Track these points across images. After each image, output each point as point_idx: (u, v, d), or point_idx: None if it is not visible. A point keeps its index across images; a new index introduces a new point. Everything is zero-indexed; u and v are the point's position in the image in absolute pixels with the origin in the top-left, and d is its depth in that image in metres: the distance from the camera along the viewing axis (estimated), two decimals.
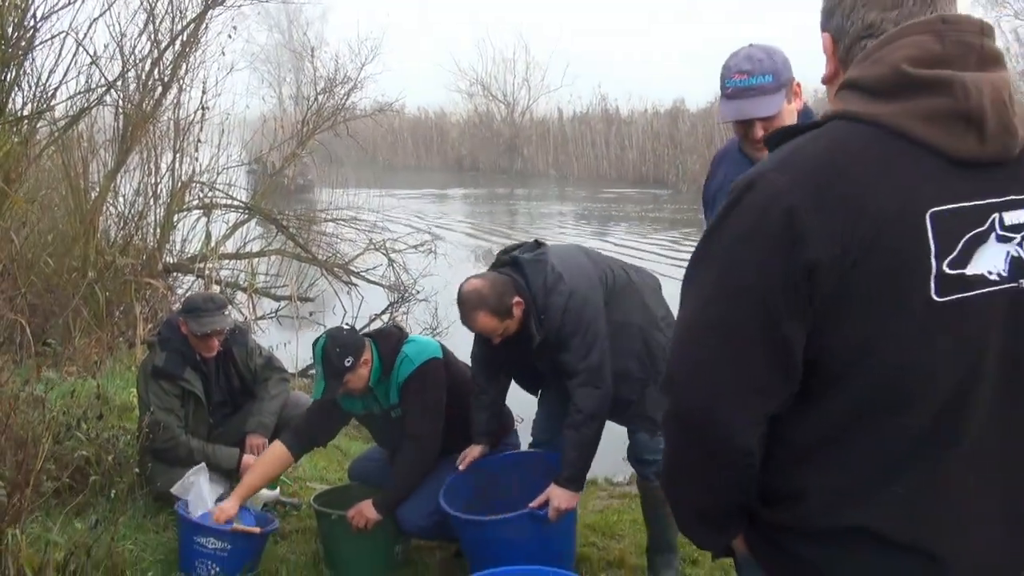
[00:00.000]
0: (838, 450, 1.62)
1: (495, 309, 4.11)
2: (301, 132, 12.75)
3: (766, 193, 1.57)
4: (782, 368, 1.58)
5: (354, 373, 4.37)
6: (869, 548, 1.62)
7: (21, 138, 8.18)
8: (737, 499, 1.72)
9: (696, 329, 1.65)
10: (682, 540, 4.85)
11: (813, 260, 1.52)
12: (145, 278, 9.56)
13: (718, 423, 1.62)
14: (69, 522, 4.01)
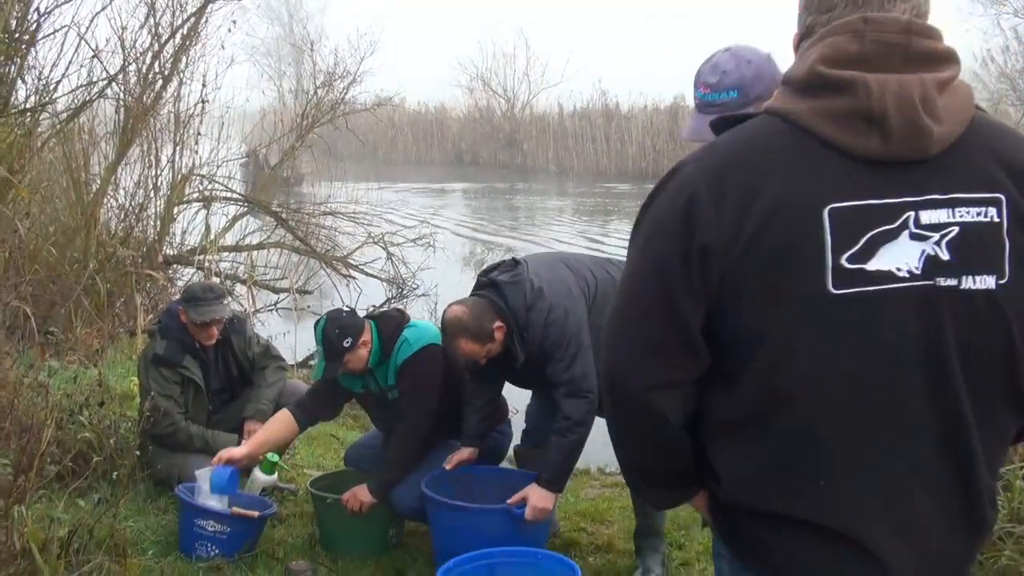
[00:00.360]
0: (745, 437, 1.70)
1: (475, 335, 4.22)
2: (300, 126, 12.82)
3: (680, 180, 1.69)
4: (681, 339, 1.68)
5: (353, 354, 4.50)
6: (793, 528, 1.68)
7: (24, 130, 8.27)
8: (668, 462, 1.82)
9: (618, 299, 1.80)
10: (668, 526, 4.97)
11: (705, 244, 1.62)
12: (145, 270, 9.65)
13: (626, 383, 1.74)
14: (73, 502, 4.12)
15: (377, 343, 4.61)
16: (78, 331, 8.01)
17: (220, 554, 4.40)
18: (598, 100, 36.52)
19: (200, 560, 4.35)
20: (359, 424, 7.29)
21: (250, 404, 5.34)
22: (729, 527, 1.81)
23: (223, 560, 4.38)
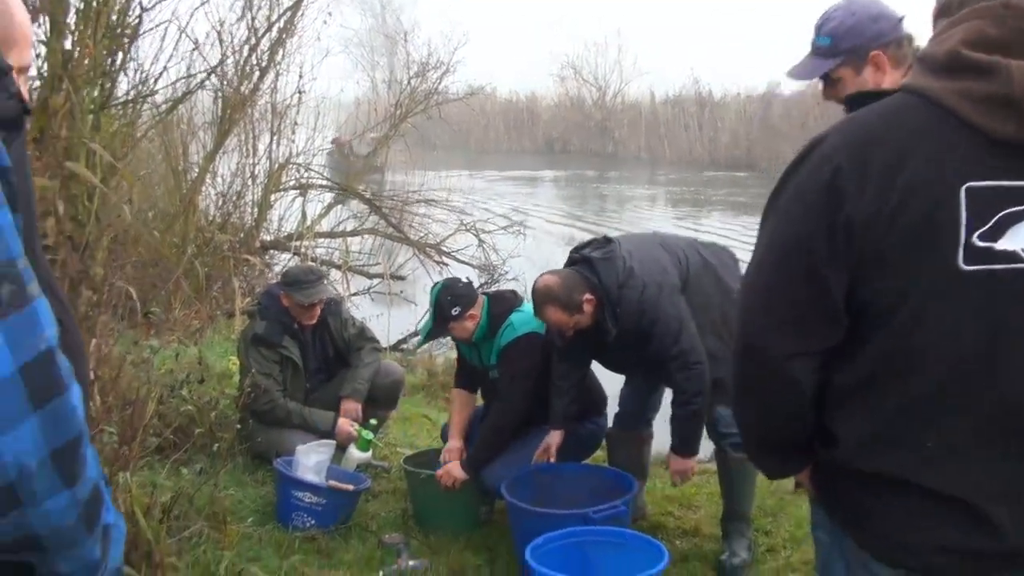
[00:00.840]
0: (866, 399, 1.76)
1: (564, 304, 4.22)
2: (394, 115, 12.98)
3: (821, 153, 1.74)
4: (822, 308, 1.74)
5: (459, 323, 4.64)
6: (896, 492, 1.75)
7: (126, 121, 8.52)
8: (790, 429, 1.89)
9: (757, 268, 1.84)
10: (755, 513, 4.94)
11: (850, 216, 1.67)
12: (243, 254, 9.91)
13: (765, 351, 1.80)
14: (175, 471, 4.26)
15: (486, 319, 4.70)
16: (177, 312, 8.26)
17: (316, 525, 4.51)
18: (691, 88, 36.21)
19: (296, 530, 4.47)
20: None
21: (347, 383, 5.46)
22: (834, 495, 1.90)
23: (318, 531, 4.48)
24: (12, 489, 1.08)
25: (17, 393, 1.06)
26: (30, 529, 1.13)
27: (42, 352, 1.09)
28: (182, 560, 3.60)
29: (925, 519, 1.75)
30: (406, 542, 4.49)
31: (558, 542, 3.99)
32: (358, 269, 11.76)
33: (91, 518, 1.19)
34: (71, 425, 1.13)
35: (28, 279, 1.10)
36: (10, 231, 1.09)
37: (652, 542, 3.99)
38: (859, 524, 1.84)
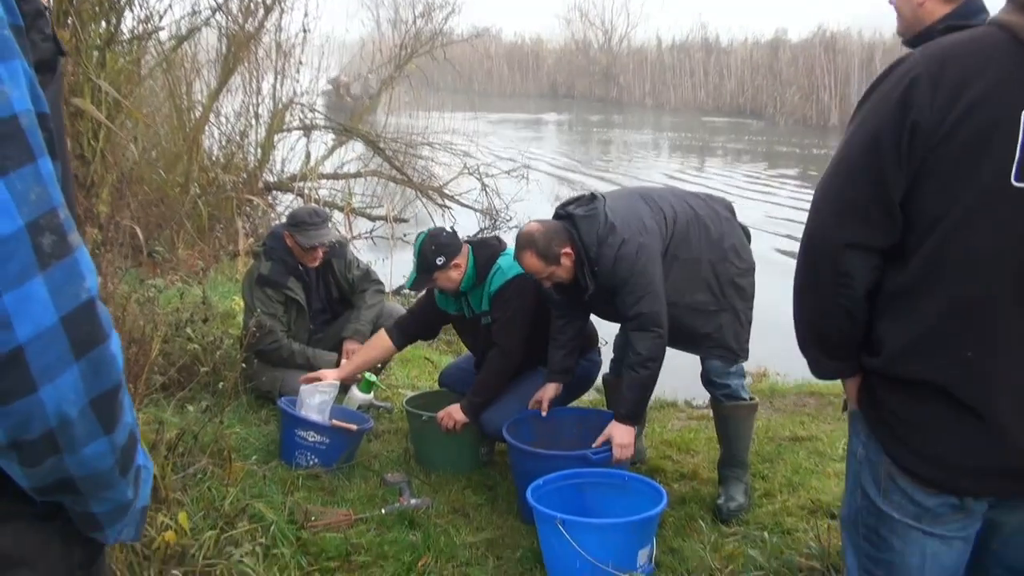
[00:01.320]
0: (912, 304, 1.92)
1: (542, 253, 4.22)
2: (399, 56, 12.88)
3: (905, 68, 1.91)
4: (882, 205, 1.90)
5: (443, 273, 4.62)
6: (936, 402, 1.90)
7: (132, 58, 8.48)
8: (845, 327, 2.03)
9: (832, 168, 2.01)
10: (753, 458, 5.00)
11: (916, 122, 1.84)
12: (246, 195, 9.89)
13: (826, 239, 1.98)
14: (180, 409, 4.30)
15: (472, 268, 4.69)
16: (180, 252, 8.27)
17: (319, 463, 4.57)
18: (698, 33, 36.04)
19: (300, 468, 4.52)
20: (452, 349, 7.43)
21: (350, 325, 5.49)
22: (875, 407, 2.04)
23: (322, 469, 4.55)
24: (52, 436, 1.10)
25: (60, 342, 1.07)
26: (66, 474, 1.15)
27: (84, 302, 1.10)
28: (187, 496, 3.64)
29: (958, 435, 1.88)
30: (408, 481, 4.55)
31: (558, 483, 4.05)
32: (361, 211, 11.74)
33: (126, 463, 1.22)
34: (111, 373, 1.14)
35: (69, 228, 1.10)
36: (51, 180, 1.09)
37: (651, 484, 4.05)
38: (897, 439, 1.97)
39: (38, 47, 1.17)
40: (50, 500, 1.20)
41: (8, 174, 1.04)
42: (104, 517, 1.25)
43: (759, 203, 15.42)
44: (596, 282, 4.23)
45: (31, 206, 1.06)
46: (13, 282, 1.04)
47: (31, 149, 1.07)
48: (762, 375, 7.08)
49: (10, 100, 1.05)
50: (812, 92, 29.29)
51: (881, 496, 2.05)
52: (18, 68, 1.08)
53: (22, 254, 1.04)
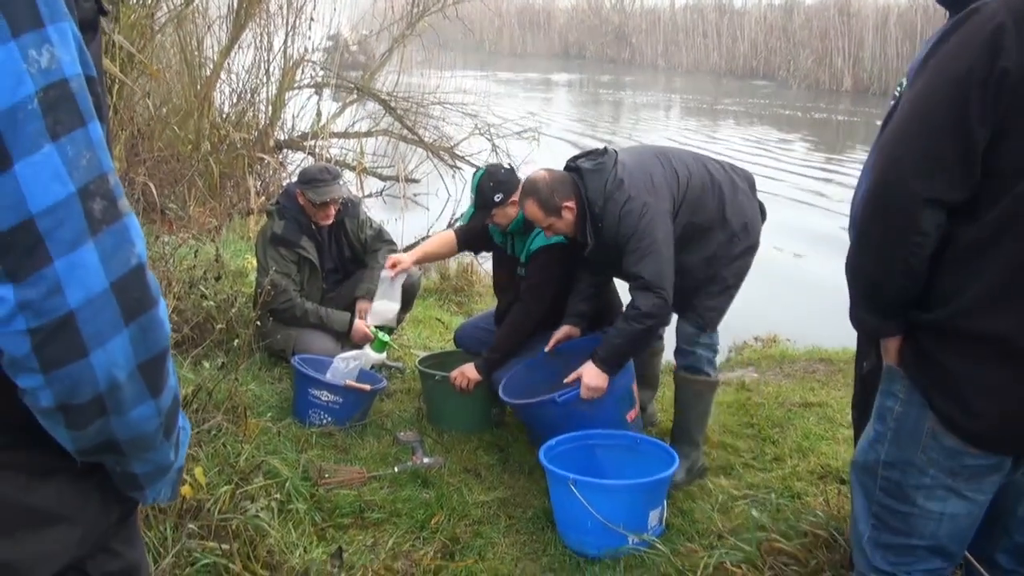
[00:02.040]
0: (988, 257, 1.89)
1: (542, 202, 4.20)
2: (411, 13, 12.78)
3: (984, 15, 1.86)
4: (965, 157, 1.86)
5: (501, 209, 4.66)
6: (998, 357, 1.89)
7: (146, 12, 8.45)
8: (905, 283, 1.99)
9: (906, 117, 1.95)
10: (763, 423, 5.02)
11: (1006, 68, 1.80)
12: (257, 153, 9.87)
13: (903, 191, 1.91)
14: (195, 365, 4.33)
15: (522, 213, 4.71)
16: (192, 210, 8.28)
17: (332, 422, 4.61)
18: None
19: (313, 426, 4.56)
20: (463, 311, 7.45)
21: (362, 284, 5.51)
22: (925, 363, 2.01)
23: (335, 427, 4.58)
24: (101, 400, 1.11)
25: (110, 307, 1.08)
26: (112, 436, 1.17)
27: (133, 267, 1.11)
28: (203, 451, 3.68)
29: (1015, 394, 1.88)
30: (421, 440, 4.59)
31: (570, 444, 4.09)
32: (372, 171, 11.72)
33: (170, 425, 1.24)
34: (159, 338, 1.16)
35: (119, 194, 1.11)
36: (101, 145, 1.09)
37: (662, 446, 4.08)
38: (948, 395, 1.96)
39: (80, 6, 1.17)
40: (92, 460, 1.22)
41: (60, 139, 1.04)
42: (145, 478, 1.27)
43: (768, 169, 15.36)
44: (599, 239, 4.18)
45: (82, 171, 1.06)
46: (65, 248, 1.05)
47: (81, 113, 1.07)
48: (772, 340, 7.09)
49: (61, 64, 1.05)
50: (825, 56, 29.08)
51: (920, 452, 2.04)
52: (67, 30, 1.08)
53: (74, 220, 1.05)
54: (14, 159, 1.02)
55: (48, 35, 1.04)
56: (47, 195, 1.03)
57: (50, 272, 1.04)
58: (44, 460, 1.21)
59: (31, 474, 1.20)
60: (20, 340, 1.05)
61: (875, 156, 2.02)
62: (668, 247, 4.10)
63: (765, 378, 6.07)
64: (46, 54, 1.04)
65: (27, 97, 1.02)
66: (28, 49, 1.02)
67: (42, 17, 1.04)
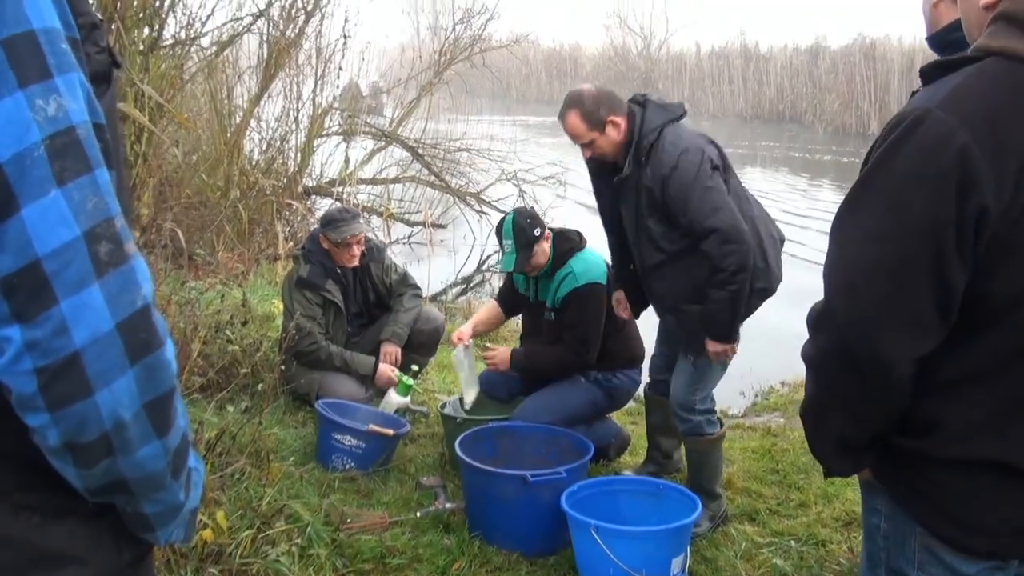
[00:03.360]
0: (982, 385, 1.66)
1: (586, 114, 4.04)
2: (438, 62, 12.91)
3: (936, 132, 1.55)
4: (944, 309, 1.61)
5: (540, 246, 4.67)
6: (998, 476, 1.67)
7: (175, 63, 8.59)
8: (882, 430, 1.77)
9: (860, 267, 1.66)
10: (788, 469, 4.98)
11: (984, 205, 1.51)
12: (286, 199, 9.98)
13: (880, 359, 1.65)
14: (219, 409, 4.36)
15: (552, 253, 4.74)
16: (220, 255, 8.36)
17: (355, 466, 4.61)
18: (736, 40, 35.75)
19: (336, 471, 4.57)
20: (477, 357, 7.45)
21: (387, 327, 5.54)
22: (913, 484, 1.77)
23: (358, 472, 4.59)
24: (107, 439, 1.14)
25: (115, 348, 1.11)
26: (120, 476, 1.18)
27: (139, 308, 1.13)
28: (225, 495, 3.69)
29: (1011, 502, 1.68)
30: (443, 485, 4.57)
31: (592, 489, 4.07)
32: (399, 216, 11.80)
33: (178, 465, 1.26)
34: (165, 378, 1.17)
35: (126, 237, 1.14)
36: (107, 189, 1.13)
37: (685, 492, 4.05)
38: (937, 509, 1.74)
39: (93, 59, 1.21)
40: (102, 501, 1.24)
41: (66, 184, 1.08)
42: (156, 518, 1.29)
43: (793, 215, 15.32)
44: (636, 175, 4.01)
45: (88, 215, 1.10)
46: (71, 289, 1.08)
47: (88, 160, 1.11)
48: (799, 385, 7.04)
49: (68, 112, 1.09)
50: (852, 99, 29.10)
51: (917, 571, 1.82)
52: (75, 80, 1.12)
53: (79, 262, 1.08)
54: (21, 204, 1.06)
55: (56, 85, 1.09)
56: (53, 238, 1.07)
57: (56, 312, 1.07)
58: (57, 501, 1.23)
59: (44, 514, 1.22)
60: (27, 379, 1.08)
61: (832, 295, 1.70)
62: (729, 199, 3.96)
63: (791, 423, 6.03)
64: (53, 103, 1.08)
65: (34, 144, 1.06)
66: (35, 99, 1.07)
67: (50, 68, 1.08)
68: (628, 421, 5.75)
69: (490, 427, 4.67)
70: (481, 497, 4.23)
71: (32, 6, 1.09)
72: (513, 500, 4.07)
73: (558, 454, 4.42)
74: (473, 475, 4.25)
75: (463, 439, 4.42)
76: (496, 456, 4.44)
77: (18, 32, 1.07)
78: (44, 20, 1.10)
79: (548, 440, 4.57)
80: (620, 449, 5.13)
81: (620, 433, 5.15)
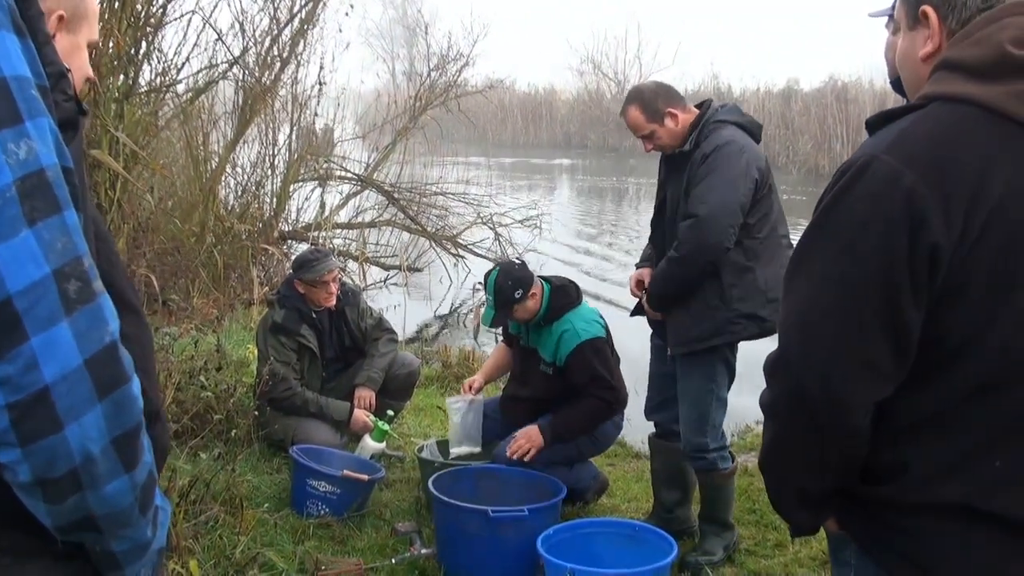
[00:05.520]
0: (943, 427, 1.62)
1: (645, 106, 4.17)
2: (413, 107, 13.00)
3: (883, 176, 1.55)
4: (900, 351, 1.59)
5: (522, 305, 4.68)
6: (964, 521, 1.62)
7: (150, 110, 8.62)
8: (841, 479, 1.73)
9: (814, 312, 1.64)
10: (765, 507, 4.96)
11: (934, 243, 1.51)
12: (261, 244, 9.99)
13: (836, 404, 1.62)
14: (192, 456, 4.33)
15: (545, 307, 4.75)
16: (195, 301, 8.35)
17: (330, 513, 4.57)
18: (710, 83, 36.11)
19: (311, 517, 4.53)
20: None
21: (362, 372, 5.53)
22: (879, 533, 1.74)
23: (333, 518, 4.55)
24: (76, 474, 1.15)
25: (84, 383, 1.13)
26: (88, 512, 1.20)
27: (107, 345, 1.16)
28: (199, 543, 3.66)
29: (993, 550, 1.64)
30: (419, 530, 4.54)
31: (568, 533, 4.05)
32: (375, 260, 11.83)
33: (146, 501, 1.27)
34: (132, 413, 1.20)
35: (93, 276, 1.17)
36: (76, 229, 1.16)
37: (661, 534, 4.02)
38: (912, 560, 1.69)
39: (61, 107, 1.26)
40: (72, 539, 1.24)
41: (36, 224, 1.12)
42: (123, 556, 1.29)
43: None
44: (692, 151, 4.09)
45: (57, 254, 1.13)
46: (41, 326, 1.11)
47: (58, 201, 1.15)
48: None
49: (38, 155, 1.13)
50: (824, 141, 29.40)
51: None
52: (45, 125, 1.16)
53: (49, 299, 1.11)
54: None
55: (26, 130, 1.12)
56: (24, 276, 1.10)
57: (27, 349, 1.10)
58: (29, 542, 1.24)
59: (16, 555, 1.24)
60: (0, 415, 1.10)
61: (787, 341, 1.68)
62: (740, 204, 4.00)
63: None
64: (24, 146, 1.12)
65: (6, 186, 1.10)
66: (7, 142, 1.10)
67: (21, 113, 1.12)
68: (606, 463, 5.72)
69: (471, 468, 4.66)
70: (448, 534, 4.25)
71: (3, 55, 1.13)
72: (477, 536, 4.10)
73: (535, 497, 4.40)
74: (441, 510, 4.26)
75: (440, 477, 4.42)
76: (476, 497, 4.42)
77: None
78: (15, 68, 1.14)
79: (526, 484, 4.56)
80: (598, 492, 5.10)
81: (599, 476, 5.12)
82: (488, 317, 4.81)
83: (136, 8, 7.74)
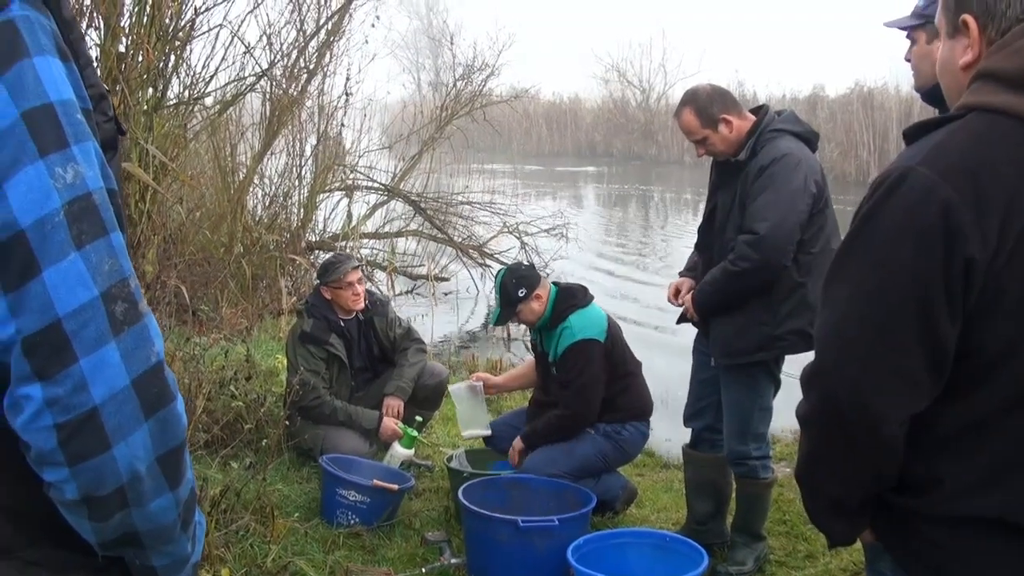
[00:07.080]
0: (978, 439, 1.62)
1: (700, 111, 4.09)
2: (440, 117, 13.04)
3: (919, 187, 1.54)
4: (935, 365, 1.58)
5: (526, 304, 4.75)
6: (998, 535, 1.61)
7: (178, 122, 8.68)
8: (876, 491, 1.73)
9: (850, 324, 1.64)
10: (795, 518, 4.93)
11: (970, 256, 1.50)
12: (289, 254, 10.04)
13: (871, 416, 1.62)
14: (223, 466, 4.36)
15: (550, 309, 4.78)
16: (224, 311, 8.40)
17: (359, 522, 4.58)
18: (735, 90, 35.79)
19: (340, 527, 4.54)
20: (493, 408, 7.43)
21: (392, 381, 5.55)
22: (915, 546, 1.73)
23: (362, 527, 4.56)
24: (123, 491, 1.18)
25: (131, 403, 1.16)
26: (133, 528, 1.22)
27: (153, 365, 1.18)
28: (230, 552, 3.68)
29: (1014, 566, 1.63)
30: (449, 540, 4.55)
31: (599, 543, 4.05)
32: (402, 270, 11.86)
33: (188, 517, 1.29)
34: (177, 432, 1.22)
35: (139, 296, 1.19)
36: (122, 251, 1.19)
37: (693, 545, 4.01)
38: (946, 574, 1.69)
39: (102, 128, 1.28)
40: (113, 554, 1.26)
41: (84, 247, 1.14)
42: (163, 571, 1.31)
43: None
44: (748, 160, 4.03)
45: (105, 276, 1.15)
46: (90, 347, 1.13)
47: (104, 223, 1.17)
48: None
49: (85, 179, 1.15)
50: (851, 148, 29.23)
51: None
52: (90, 148, 1.18)
53: (98, 321, 1.14)
54: (43, 266, 1.11)
55: (73, 154, 1.15)
56: (73, 299, 1.12)
57: (76, 370, 1.12)
58: (66, 557, 1.25)
59: (52, 570, 1.25)
60: (47, 435, 1.12)
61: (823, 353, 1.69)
62: (798, 223, 3.95)
63: None
64: (71, 171, 1.14)
65: (54, 210, 1.12)
66: (55, 167, 1.13)
67: (67, 138, 1.15)
68: (635, 473, 5.71)
69: (502, 477, 4.67)
70: (478, 543, 4.26)
71: (50, 81, 1.15)
72: (507, 546, 4.10)
73: (565, 507, 4.40)
74: (471, 520, 4.28)
75: (471, 486, 4.43)
76: (505, 507, 4.42)
77: (37, 105, 1.13)
78: (61, 93, 1.16)
79: (555, 493, 4.55)
80: (627, 502, 5.09)
81: (627, 486, 5.11)
82: (495, 314, 4.93)
83: (165, 22, 7.80)
